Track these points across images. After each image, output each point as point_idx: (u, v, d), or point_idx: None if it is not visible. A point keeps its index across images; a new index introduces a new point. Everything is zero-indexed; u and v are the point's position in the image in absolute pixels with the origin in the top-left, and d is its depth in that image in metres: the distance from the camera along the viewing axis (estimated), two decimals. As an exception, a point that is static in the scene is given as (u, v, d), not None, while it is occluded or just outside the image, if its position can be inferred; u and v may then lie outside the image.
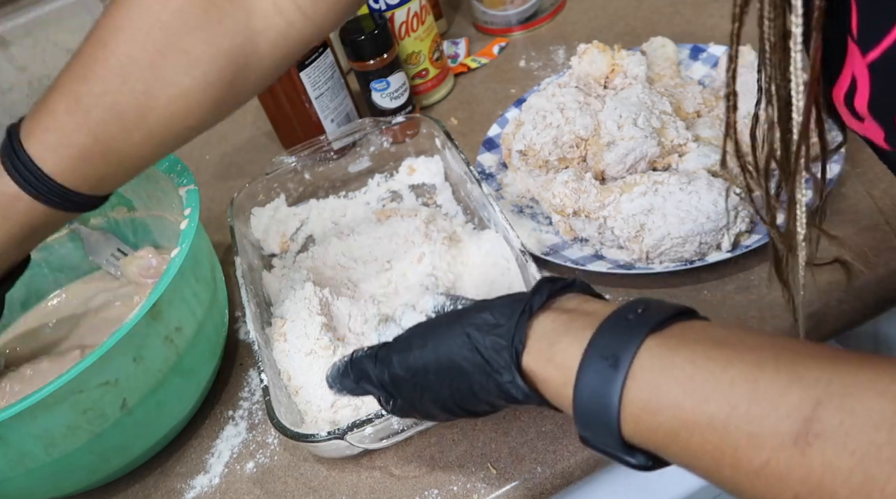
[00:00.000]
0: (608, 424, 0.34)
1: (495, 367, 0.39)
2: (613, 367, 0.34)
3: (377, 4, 0.83)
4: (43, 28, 0.91)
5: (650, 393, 0.33)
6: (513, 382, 0.39)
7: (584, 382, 0.35)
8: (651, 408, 0.33)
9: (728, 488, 0.32)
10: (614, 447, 0.35)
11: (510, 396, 0.39)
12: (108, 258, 0.71)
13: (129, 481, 0.60)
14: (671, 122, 0.64)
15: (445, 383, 0.41)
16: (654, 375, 0.33)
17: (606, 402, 0.34)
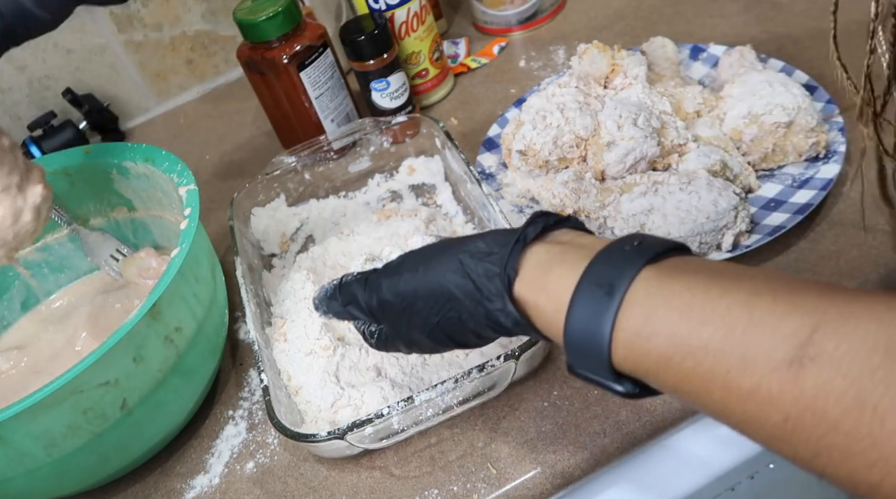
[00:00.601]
0: (598, 350, 0.34)
1: (486, 294, 0.39)
2: (608, 294, 0.34)
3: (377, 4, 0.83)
4: (43, 28, 0.91)
5: (645, 318, 0.33)
6: (503, 309, 0.38)
7: (578, 308, 0.35)
8: (645, 333, 0.33)
9: (716, 413, 0.32)
10: (603, 375, 0.35)
11: (499, 324, 0.39)
12: (107, 259, 0.71)
13: (129, 481, 0.60)
14: (671, 122, 0.64)
15: (434, 310, 0.41)
16: (650, 300, 0.33)
17: (598, 328, 0.34)
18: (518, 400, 0.55)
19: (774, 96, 0.63)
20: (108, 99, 0.98)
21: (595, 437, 0.52)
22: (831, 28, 0.44)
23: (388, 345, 0.47)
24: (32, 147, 0.89)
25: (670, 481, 0.57)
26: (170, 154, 0.64)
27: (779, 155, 0.64)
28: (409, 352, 0.47)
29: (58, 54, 0.93)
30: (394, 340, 0.45)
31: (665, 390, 0.34)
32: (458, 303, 0.40)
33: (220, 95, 1.02)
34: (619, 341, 0.34)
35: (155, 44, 0.97)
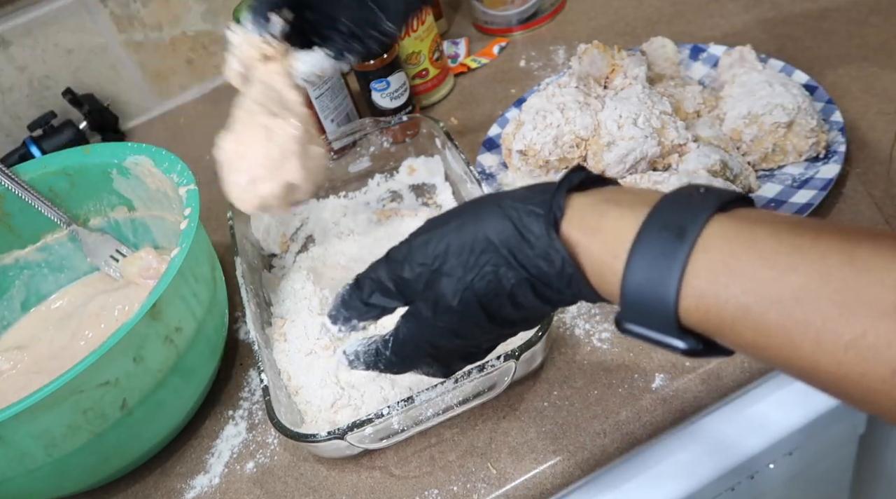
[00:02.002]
0: (664, 299, 0.30)
1: (527, 238, 0.35)
2: (678, 237, 0.30)
3: (377, 4, 0.83)
4: (43, 28, 0.91)
5: (722, 264, 0.29)
6: (548, 252, 0.34)
7: (641, 252, 0.31)
8: (721, 280, 0.29)
9: (802, 371, 0.29)
10: (664, 329, 0.31)
11: (543, 276, 0.35)
12: (107, 260, 0.71)
13: (129, 481, 0.60)
14: (671, 122, 0.64)
15: (469, 264, 0.36)
16: (728, 245, 0.30)
17: (666, 274, 0.30)
18: (518, 400, 0.55)
19: (774, 96, 0.63)
20: (108, 99, 0.98)
21: (595, 437, 0.52)
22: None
23: (406, 349, 0.41)
24: (32, 147, 0.89)
25: (670, 481, 0.57)
26: (170, 154, 0.64)
27: (779, 155, 0.64)
28: (433, 349, 0.41)
29: (58, 54, 0.93)
30: (422, 322, 0.39)
31: (738, 347, 0.31)
32: (495, 253, 0.36)
33: (220, 95, 1.02)
34: (690, 290, 0.30)
35: (155, 44, 0.97)
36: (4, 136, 0.96)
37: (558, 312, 0.60)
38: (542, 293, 0.36)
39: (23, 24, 0.90)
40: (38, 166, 0.68)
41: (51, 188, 0.68)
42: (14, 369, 0.66)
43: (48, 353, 0.66)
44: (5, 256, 0.70)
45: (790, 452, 0.61)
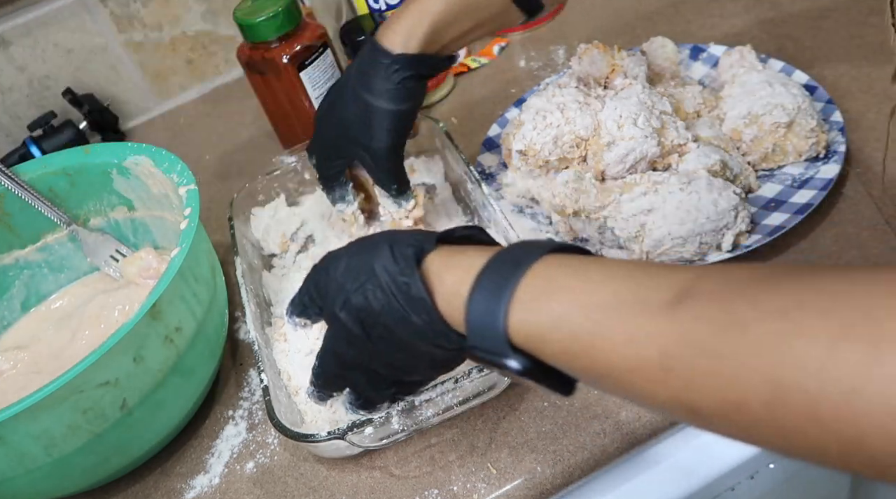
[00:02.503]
0: (496, 321, 0.35)
1: (399, 263, 0.41)
2: (514, 267, 0.36)
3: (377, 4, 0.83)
4: (43, 28, 0.91)
5: (545, 282, 0.35)
6: (406, 277, 0.40)
7: (483, 279, 0.37)
8: (543, 294, 0.35)
9: (600, 373, 0.33)
10: (500, 348, 0.36)
11: (402, 296, 0.40)
12: (107, 260, 0.71)
13: (129, 481, 0.60)
14: (671, 122, 0.64)
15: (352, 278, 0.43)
16: (552, 270, 0.35)
17: (498, 298, 0.36)
18: (518, 400, 0.55)
19: (774, 96, 0.63)
20: (108, 99, 0.98)
21: (595, 437, 0.52)
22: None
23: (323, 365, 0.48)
24: (32, 147, 0.89)
25: (670, 481, 0.57)
26: (170, 154, 0.64)
27: (779, 155, 0.64)
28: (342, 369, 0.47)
29: (58, 54, 0.93)
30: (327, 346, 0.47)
31: (554, 357, 0.35)
32: (372, 275, 0.42)
33: (220, 95, 1.02)
34: (517, 306, 0.35)
35: (155, 44, 0.97)
36: (4, 136, 0.96)
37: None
38: (401, 318, 0.41)
39: (23, 24, 0.90)
40: (38, 166, 0.68)
41: (51, 188, 0.68)
42: (14, 369, 0.66)
43: (48, 353, 0.66)
44: (5, 256, 0.70)
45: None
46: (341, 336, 0.45)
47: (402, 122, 0.59)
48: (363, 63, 0.59)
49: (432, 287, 0.40)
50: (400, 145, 0.61)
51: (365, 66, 0.59)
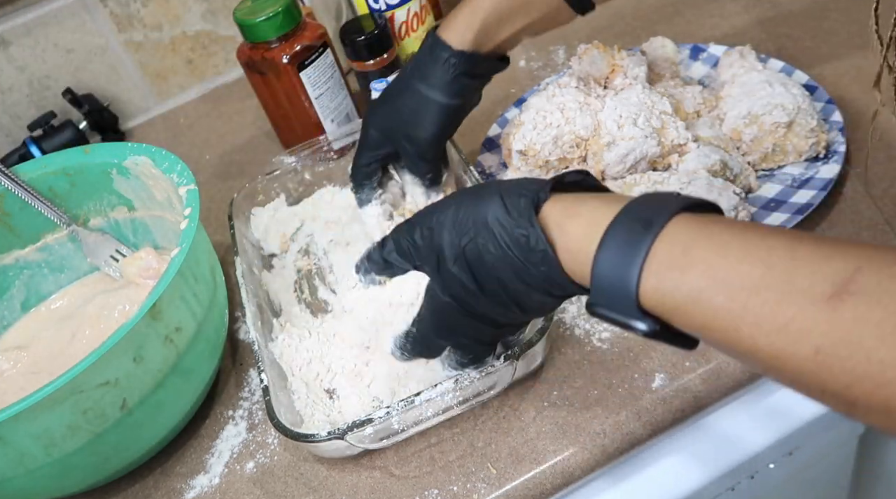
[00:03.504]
0: (627, 281, 0.34)
1: (512, 214, 0.40)
2: (645, 228, 0.34)
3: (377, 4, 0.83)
4: (43, 28, 0.91)
5: (681, 251, 0.33)
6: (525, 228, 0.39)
7: (612, 237, 0.35)
8: (678, 264, 0.33)
9: (742, 351, 0.32)
10: (626, 311, 0.35)
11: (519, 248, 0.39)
12: (107, 260, 0.71)
13: (129, 481, 0.60)
14: (671, 122, 0.64)
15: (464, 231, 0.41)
16: (688, 235, 0.33)
17: (631, 258, 0.34)
18: (518, 400, 0.55)
19: (774, 96, 0.63)
20: (108, 99, 0.98)
21: (595, 437, 0.52)
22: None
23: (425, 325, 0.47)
24: (32, 147, 0.89)
25: (670, 481, 0.57)
26: (170, 154, 0.64)
27: (779, 155, 0.64)
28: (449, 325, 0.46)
29: (58, 54, 0.93)
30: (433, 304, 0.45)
31: (690, 328, 0.34)
32: (484, 227, 0.41)
33: (220, 95, 1.02)
34: (651, 274, 0.34)
35: (155, 44, 0.97)
36: (4, 136, 0.96)
37: (558, 313, 0.60)
38: (518, 270, 0.40)
39: (23, 24, 0.90)
40: (37, 166, 0.68)
41: (51, 188, 0.68)
42: (14, 369, 0.66)
43: (48, 353, 0.66)
44: (5, 256, 0.70)
45: (790, 452, 0.61)
46: (454, 291, 0.43)
47: (450, 116, 0.61)
48: (422, 55, 0.61)
49: (552, 238, 0.39)
50: (444, 139, 0.63)
51: (423, 59, 0.60)
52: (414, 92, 0.60)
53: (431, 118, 0.60)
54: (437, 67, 0.59)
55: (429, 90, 0.60)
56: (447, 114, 0.60)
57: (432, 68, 0.59)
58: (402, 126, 0.61)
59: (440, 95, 0.59)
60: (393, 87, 0.63)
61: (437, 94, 0.59)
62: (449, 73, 0.59)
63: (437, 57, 0.59)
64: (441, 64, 0.59)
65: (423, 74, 0.60)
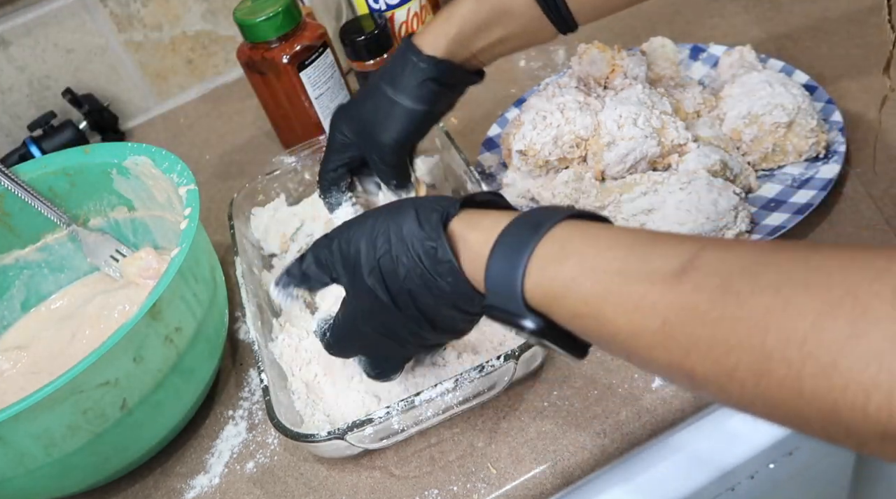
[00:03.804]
0: (514, 280, 0.37)
1: (424, 227, 0.42)
2: (534, 230, 0.38)
3: (377, 4, 0.83)
4: (43, 28, 0.91)
5: (560, 246, 0.37)
6: (433, 240, 0.41)
7: (503, 240, 0.38)
8: (557, 257, 0.36)
9: (606, 336, 0.35)
10: (514, 306, 0.37)
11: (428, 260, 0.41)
12: (107, 259, 0.71)
13: (129, 481, 0.60)
14: (671, 122, 0.64)
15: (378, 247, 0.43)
16: (568, 234, 0.37)
17: (517, 259, 0.37)
18: (518, 400, 0.55)
19: (774, 96, 0.63)
20: (108, 99, 0.98)
21: (595, 437, 0.52)
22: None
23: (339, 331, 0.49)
24: (32, 147, 0.89)
25: (670, 481, 0.57)
26: (170, 154, 0.64)
27: (779, 155, 0.64)
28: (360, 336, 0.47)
29: (58, 54, 0.93)
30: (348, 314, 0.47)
31: (567, 318, 0.36)
32: (400, 242, 0.43)
33: (220, 95, 1.02)
34: (534, 268, 0.37)
35: (155, 44, 0.97)
36: (4, 136, 0.96)
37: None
38: (427, 282, 0.42)
39: (23, 24, 0.90)
40: (37, 166, 0.68)
41: (51, 188, 0.68)
42: (14, 369, 0.66)
43: (48, 353, 0.66)
44: (5, 256, 0.70)
45: (790, 452, 0.61)
46: (366, 304, 0.45)
47: (415, 122, 0.59)
48: (393, 60, 0.60)
49: (457, 249, 0.41)
50: (407, 144, 0.61)
51: (394, 63, 0.59)
52: (381, 95, 0.59)
53: (396, 122, 0.59)
54: (405, 71, 0.58)
55: (395, 94, 0.58)
56: (412, 119, 0.59)
57: (401, 72, 0.58)
58: (367, 129, 0.60)
59: (406, 100, 0.58)
60: (361, 90, 0.62)
61: (403, 98, 0.58)
62: (417, 78, 0.58)
63: (407, 61, 0.58)
64: (410, 68, 0.58)
65: (391, 78, 0.59)
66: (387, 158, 0.61)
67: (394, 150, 0.60)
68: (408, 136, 0.60)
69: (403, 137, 0.60)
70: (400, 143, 0.60)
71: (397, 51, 0.60)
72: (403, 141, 0.60)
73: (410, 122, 0.59)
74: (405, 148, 0.61)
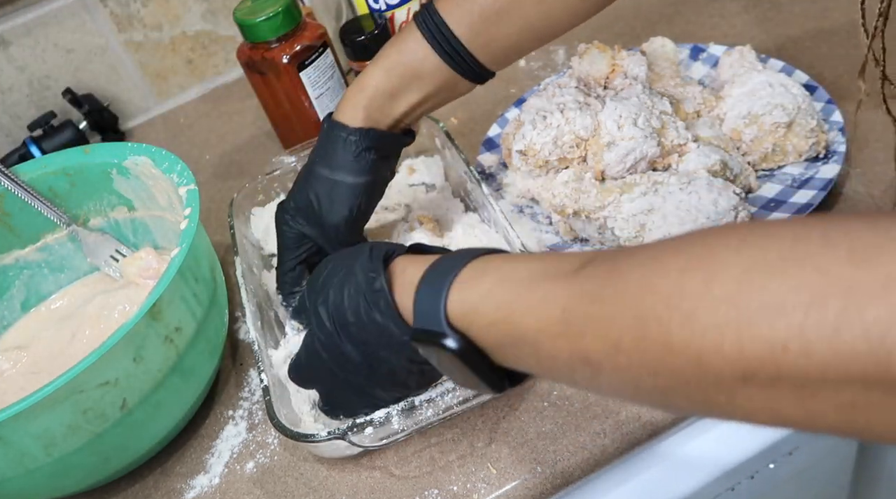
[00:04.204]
0: (437, 298, 0.40)
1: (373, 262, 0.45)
2: (460, 260, 0.41)
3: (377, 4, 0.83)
4: (43, 28, 0.91)
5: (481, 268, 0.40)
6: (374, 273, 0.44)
7: (431, 270, 0.42)
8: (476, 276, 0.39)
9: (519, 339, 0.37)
10: (437, 325, 0.40)
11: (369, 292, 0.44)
12: (107, 260, 0.71)
13: (129, 481, 0.60)
14: (671, 122, 0.64)
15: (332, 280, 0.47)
16: (490, 259, 0.40)
17: (442, 281, 0.40)
18: (518, 400, 0.55)
19: (774, 96, 0.63)
20: (108, 99, 0.98)
21: (595, 437, 0.52)
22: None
23: (299, 363, 0.51)
24: (32, 147, 0.89)
25: (670, 481, 0.57)
26: (170, 154, 0.64)
27: (779, 155, 0.64)
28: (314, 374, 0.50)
29: (58, 54, 0.93)
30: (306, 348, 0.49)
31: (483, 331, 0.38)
32: (352, 276, 0.45)
33: (220, 95, 1.02)
34: (456, 289, 0.39)
35: (155, 44, 0.97)
36: (4, 136, 0.96)
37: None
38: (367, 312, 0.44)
39: (23, 24, 0.90)
40: (37, 166, 0.68)
41: (51, 188, 0.68)
42: (14, 369, 0.66)
43: (48, 353, 0.66)
44: (5, 256, 0.70)
45: (790, 452, 0.61)
46: (317, 332, 0.47)
47: (361, 195, 0.58)
48: (320, 142, 0.59)
49: (393, 281, 0.44)
50: (360, 219, 0.60)
51: (322, 144, 0.59)
52: (319, 179, 0.58)
53: (343, 201, 0.58)
54: (337, 149, 0.57)
55: (333, 173, 0.58)
56: (357, 193, 0.58)
57: (333, 151, 0.58)
58: (315, 217, 0.59)
59: (347, 176, 0.58)
60: (297, 182, 0.60)
61: (343, 175, 0.58)
62: (351, 152, 0.57)
63: (336, 138, 0.57)
64: (341, 144, 0.57)
65: (325, 159, 0.58)
66: (344, 238, 0.60)
67: (349, 228, 0.59)
68: (359, 209, 0.59)
69: (355, 212, 0.59)
70: (354, 219, 0.59)
71: (321, 133, 0.59)
72: (357, 216, 0.59)
73: (357, 197, 0.58)
74: (359, 223, 0.61)
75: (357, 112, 0.57)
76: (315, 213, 0.59)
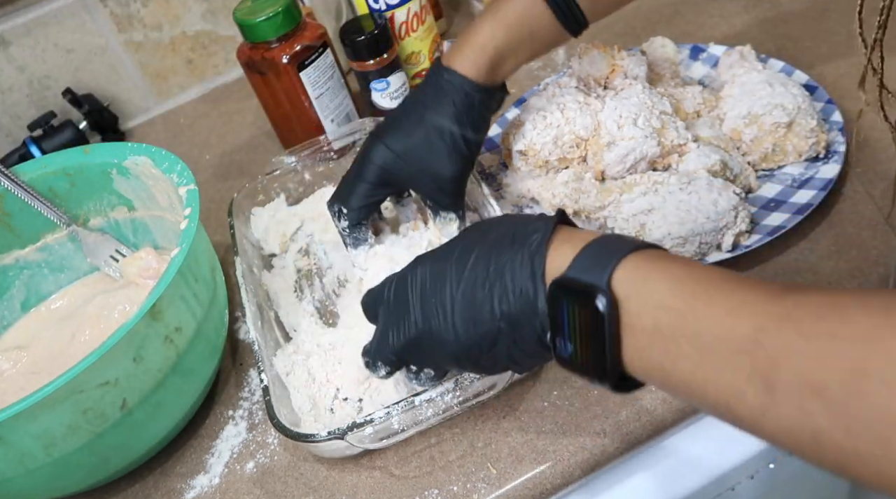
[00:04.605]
0: (610, 257, 0.37)
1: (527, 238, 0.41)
2: (632, 240, 0.38)
3: (377, 4, 0.83)
4: (43, 28, 0.91)
5: (655, 258, 0.37)
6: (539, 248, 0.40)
7: (585, 253, 0.38)
8: (660, 256, 0.37)
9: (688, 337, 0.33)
10: (596, 279, 0.37)
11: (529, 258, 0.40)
12: (107, 260, 0.71)
13: (129, 481, 0.60)
14: (671, 122, 0.64)
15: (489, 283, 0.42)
16: (656, 255, 0.37)
17: (622, 244, 0.37)
18: (518, 400, 0.55)
19: (774, 96, 0.63)
20: (108, 99, 0.98)
21: (595, 437, 0.52)
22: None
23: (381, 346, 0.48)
24: (32, 147, 0.89)
25: (670, 481, 0.57)
26: (170, 154, 0.64)
27: (779, 155, 0.64)
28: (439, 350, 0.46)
29: (58, 54, 0.93)
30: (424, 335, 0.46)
31: (642, 310, 0.35)
32: (500, 246, 0.42)
33: (220, 95, 1.02)
34: (631, 258, 0.37)
35: (155, 44, 0.97)
36: (4, 136, 0.96)
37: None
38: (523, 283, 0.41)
39: (23, 24, 0.90)
40: (37, 166, 0.68)
41: (51, 188, 0.68)
42: (14, 369, 0.66)
43: (48, 353, 0.66)
44: (5, 256, 0.70)
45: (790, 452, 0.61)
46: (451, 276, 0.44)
47: (474, 151, 0.60)
48: (441, 91, 0.58)
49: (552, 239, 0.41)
50: (466, 176, 0.61)
51: (443, 93, 0.58)
52: (437, 128, 0.58)
53: (457, 155, 0.59)
54: (458, 102, 0.58)
55: (454, 125, 0.58)
56: (472, 149, 0.59)
57: (452, 103, 0.58)
58: (419, 164, 0.58)
59: (468, 131, 0.58)
60: (404, 121, 0.59)
61: (464, 129, 0.58)
62: (475, 109, 0.58)
63: (459, 91, 0.58)
64: (462, 98, 0.58)
65: (443, 110, 0.58)
66: (449, 190, 0.60)
67: (457, 181, 0.60)
68: (469, 166, 0.61)
69: (466, 168, 0.60)
70: (463, 174, 0.60)
71: (438, 80, 0.59)
72: (466, 172, 0.61)
73: (472, 153, 0.60)
74: (465, 177, 0.62)
75: (480, 69, 0.58)
76: (423, 160, 0.58)
